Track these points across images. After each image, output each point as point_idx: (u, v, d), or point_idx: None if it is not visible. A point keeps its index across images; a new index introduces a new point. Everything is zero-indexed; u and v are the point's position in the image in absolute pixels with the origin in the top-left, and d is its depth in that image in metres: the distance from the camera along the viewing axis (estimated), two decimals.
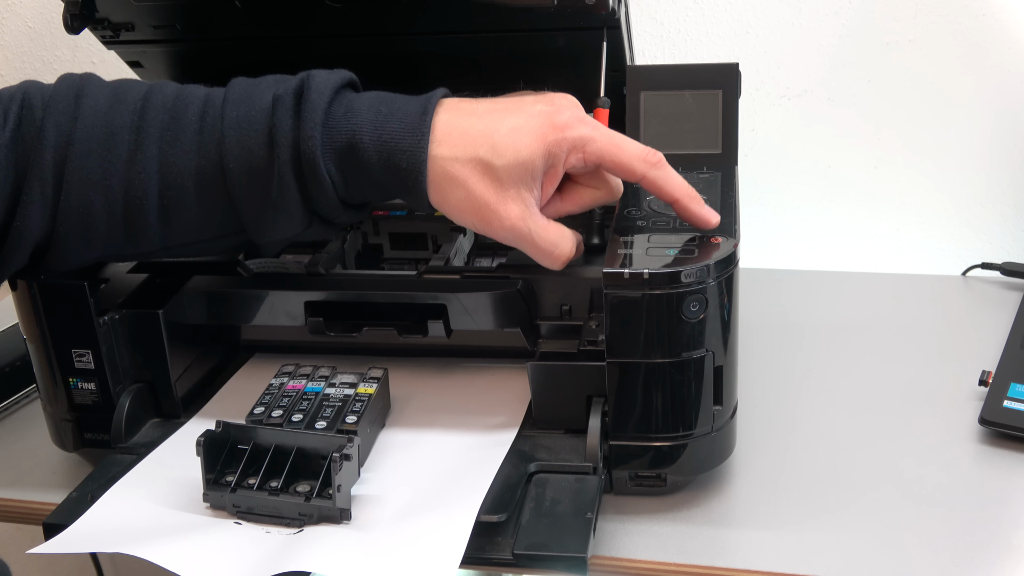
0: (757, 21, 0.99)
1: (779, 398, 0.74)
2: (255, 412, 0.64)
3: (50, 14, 1.14)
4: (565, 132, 0.56)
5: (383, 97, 0.58)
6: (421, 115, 0.56)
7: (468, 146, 0.56)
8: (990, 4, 0.93)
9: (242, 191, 0.57)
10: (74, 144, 0.57)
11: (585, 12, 0.66)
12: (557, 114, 0.56)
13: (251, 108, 0.57)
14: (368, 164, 0.56)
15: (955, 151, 0.99)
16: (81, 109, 0.58)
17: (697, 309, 0.56)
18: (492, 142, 0.55)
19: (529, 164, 0.55)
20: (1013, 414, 0.67)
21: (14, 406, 0.79)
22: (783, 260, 1.05)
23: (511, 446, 0.63)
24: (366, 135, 0.56)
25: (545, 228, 0.58)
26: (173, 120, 0.58)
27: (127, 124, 0.58)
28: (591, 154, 0.57)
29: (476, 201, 0.56)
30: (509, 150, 0.55)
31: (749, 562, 0.57)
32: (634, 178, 0.58)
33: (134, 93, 0.59)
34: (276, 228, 0.58)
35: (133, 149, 0.57)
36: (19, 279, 0.63)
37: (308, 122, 0.56)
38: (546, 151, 0.56)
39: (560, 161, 0.56)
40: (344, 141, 0.56)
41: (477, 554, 0.55)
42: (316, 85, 0.57)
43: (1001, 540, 0.58)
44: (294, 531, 0.56)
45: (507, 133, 0.56)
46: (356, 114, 0.56)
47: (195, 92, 0.59)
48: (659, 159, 0.58)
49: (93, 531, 0.56)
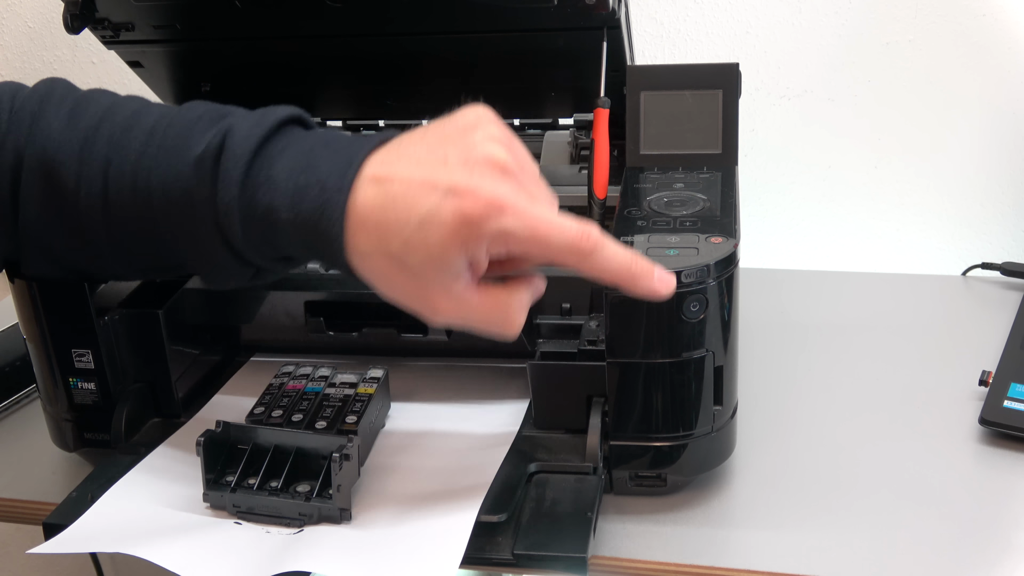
0: (757, 21, 0.99)
1: (779, 398, 0.74)
2: (255, 412, 0.64)
3: (50, 14, 1.14)
4: (482, 227, 0.48)
5: (309, 155, 0.51)
6: (337, 192, 0.50)
7: (381, 238, 0.49)
8: (990, 4, 0.93)
9: (177, 243, 0.54)
10: (25, 169, 0.55)
11: (585, 12, 0.66)
12: (473, 194, 0.48)
13: (177, 162, 0.53)
14: (287, 240, 0.52)
15: (955, 151, 0.99)
16: (34, 131, 0.55)
17: (697, 309, 0.56)
18: (403, 237, 0.48)
19: (443, 261, 0.49)
20: (1013, 414, 0.67)
21: (14, 406, 0.79)
22: (783, 260, 1.05)
23: (511, 446, 0.63)
24: (283, 211, 0.50)
25: (480, 307, 0.51)
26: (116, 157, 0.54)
27: (74, 154, 0.55)
28: (514, 248, 0.49)
29: (402, 294, 0.51)
30: (420, 248, 0.48)
31: (749, 562, 0.57)
32: (567, 268, 0.51)
33: (89, 117, 0.55)
34: (218, 279, 0.56)
35: (78, 180, 0.55)
36: (19, 279, 0.63)
37: (223, 193, 0.51)
38: (460, 248, 0.48)
39: (479, 257, 0.49)
40: (260, 214, 0.51)
41: (477, 554, 0.55)
42: (235, 145, 0.51)
43: (1001, 540, 0.58)
44: (294, 531, 0.56)
45: (417, 228, 0.48)
46: (273, 185, 0.51)
47: (142, 123, 0.55)
48: (592, 245, 0.49)
49: (93, 531, 0.56)
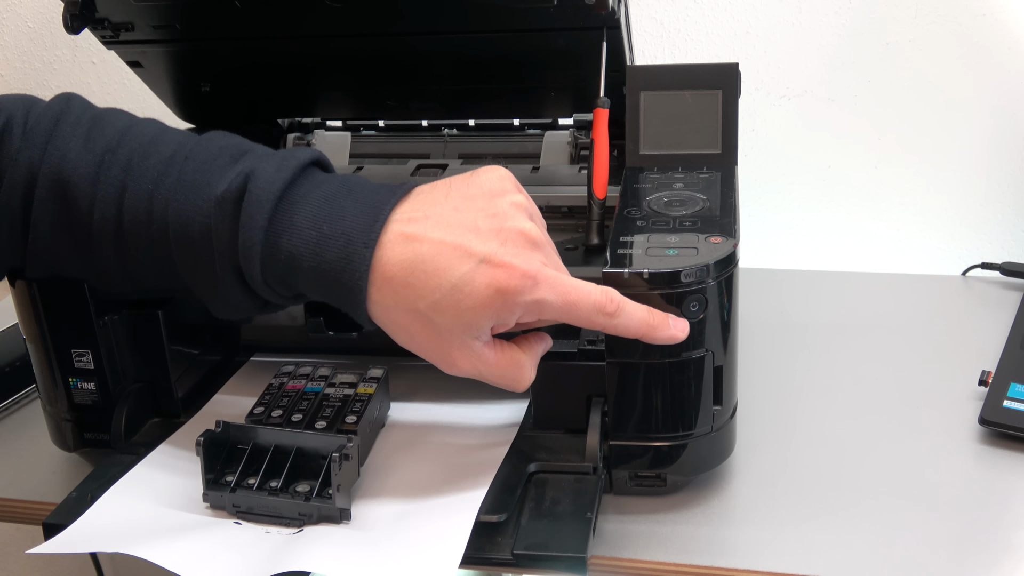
0: (757, 21, 0.99)
1: (779, 398, 0.74)
2: (255, 412, 0.64)
3: (50, 14, 1.14)
4: (517, 298, 0.51)
5: (332, 203, 0.52)
6: (363, 245, 0.51)
7: (408, 297, 0.51)
8: (990, 4, 0.93)
9: (189, 274, 0.55)
10: (39, 188, 0.55)
11: (585, 12, 0.66)
12: (507, 266, 0.51)
13: (198, 198, 0.53)
14: (308, 286, 0.53)
15: (955, 151, 0.99)
16: (49, 151, 0.55)
17: (697, 309, 0.56)
18: (434, 299, 0.51)
19: (472, 324, 0.52)
20: (1013, 414, 0.67)
21: (14, 406, 0.79)
22: (783, 260, 1.05)
23: (511, 446, 0.63)
24: (305, 260, 0.52)
25: (497, 364, 0.54)
26: (133, 186, 0.55)
27: (89, 177, 0.55)
28: (546, 317, 0.54)
29: (421, 346, 0.53)
30: (450, 311, 0.51)
31: (749, 562, 0.57)
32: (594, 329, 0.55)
33: (106, 139, 0.56)
34: (229, 310, 0.56)
35: (92, 203, 0.55)
36: (18, 279, 0.63)
37: (245, 236, 0.52)
38: (493, 315, 0.51)
39: (510, 323, 0.53)
40: (283, 261, 0.52)
41: (477, 554, 0.55)
42: (258, 189, 0.52)
43: (1001, 540, 0.58)
44: (294, 531, 0.56)
45: (450, 291, 0.51)
46: (296, 233, 0.52)
47: (161, 150, 0.55)
48: (616, 307, 0.53)
49: (93, 531, 0.56)
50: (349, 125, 0.86)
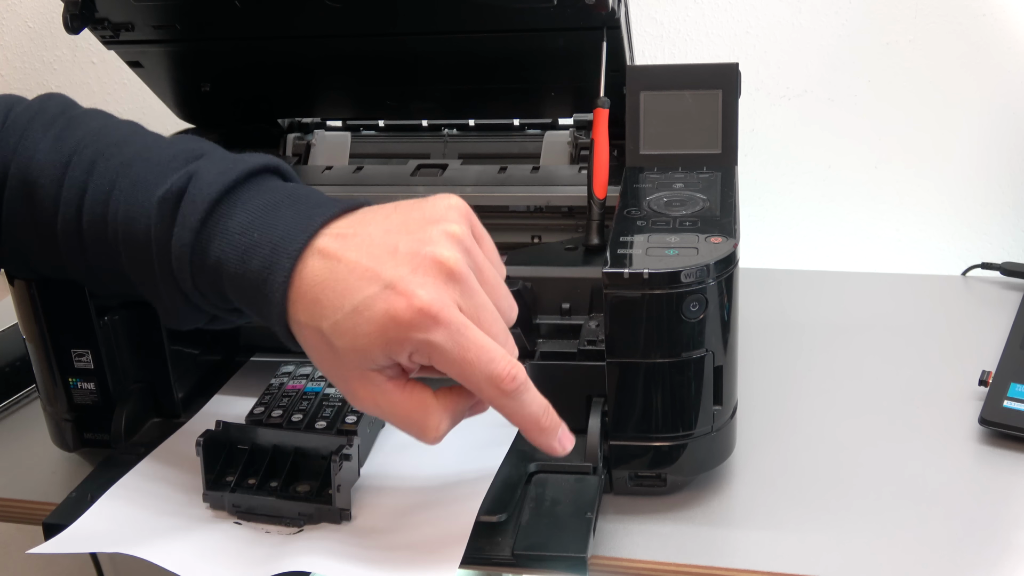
0: (757, 21, 0.99)
1: (779, 398, 0.74)
2: (255, 412, 0.64)
3: (50, 14, 1.14)
4: (409, 333, 0.47)
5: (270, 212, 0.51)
6: (286, 256, 0.49)
7: (315, 315, 0.49)
8: (990, 4, 0.93)
9: (137, 278, 0.54)
10: (7, 187, 0.55)
11: (585, 12, 0.66)
12: (406, 300, 0.47)
13: (143, 200, 0.52)
14: (235, 295, 0.52)
15: (955, 151, 0.99)
16: (19, 150, 0.55)
17: (697, 309, 0.56)
18: (335, 319, 0.48)
19: (365, 353, 0.48)
20: (1013, 414, 0.67)
21: (14, 406, 0.79)
22: (783, 260, 1.05)
23: (511, 446, 0.63)
24: (231, 266, 0.50)
25: (399, 404, 0.50)
26: (93, 187, 0.54)
27: (54, 178, 0.54)
28: (437, 363, 0.49)
29: (328, 371, 0.51)
30: (347, 335, 0.48)
31: (749, 562, 0.57)
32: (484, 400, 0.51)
33: (74, 141, 0.55)
34: (177, 320, 0.55)
35: (56, 204, 0.54)
36: (19, 279, 0.63)
37: (178, 238, 0.51)
38: (384, 347, 0.48)
39: (401, 359, 0.49)
40: (211, 266, 0.51)
41: (477, 554, 0.55)
42: (197, 189, 0.51)
43: (1001, 540, 0.58)
44: (294, 531, 0.56)
45: (350, 313, 0.48)
46: (226, 238, 0.50)
47: (118, 155, 0.54)
48: (514, 388, 0.49)
49: (93, 531, 0.56)
50: (349, 125, 0.86)
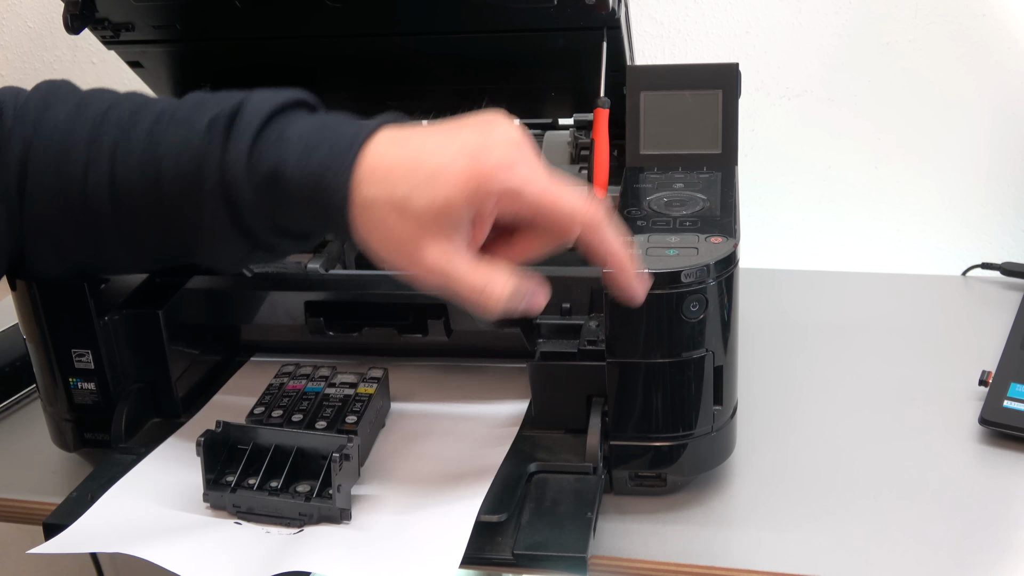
0: (757, 21, 0.99)
1: (779, 398, 0.74)
2: (255, 412, 0.64)
3: (50, 14, 1.14)
4: (492, 179, 0.50)
5: (322, 123, 0.54)
6: (348, 148, 0.52)
7: (388, 186, 0.51)
8: (990, 4, 0.93)
9: (180, 212, 0.55)
10: (32, 158, 0.56)
11: (585, 12, 0.66)
12: (487, 154, 0.50)
13: (189, 130, 0.54)
14: (292, 197, 0.53)
15: (955, 151, 0.99)
16: (43, 121, 0.56)
17: (697, 309, 0.56)
18: (413, 183, 0.50)
19: (448, 210, 0.50)
20: (1013, 414, 0.67)
21: (14, 406, 0.79)
22: (783, 260, 1.05)
23: (511, 446, 0.63)
24: (291, 166, 0.52)
25: (470, 271, 0.51)
26: (124, 139, 0.56)
27: (83, 139, 0.56)
28: (522, 205, 0.51)
29: (396, 242, 0.52)
30: (427, 194, 0.50)
31: (749, 562, 0.57)
32: (568, 236, 0.52)
33: (96, 107, 0.57)
34: (218, 254, 0.56)
35: (86, 165, 0.56)
36: (19, 279, 0.63)
37: (234, 149, 0.53)
38: (468, 198, 0.50)
39: (486, 210, 0.51)
40: (268, 170, 0.52)
41: (477, 554, 0.55)
42: (250, 108, 0.53)
43: (1001, 540, 0.58)
44: (294, 531, 0.56)
45: (429, 175, 0.50)
46: (285, 142, 0.53)
47: (152, 108, 0.57)
48: (599, 221, 0.51)
49: (93, 531, 0.56)
50: None
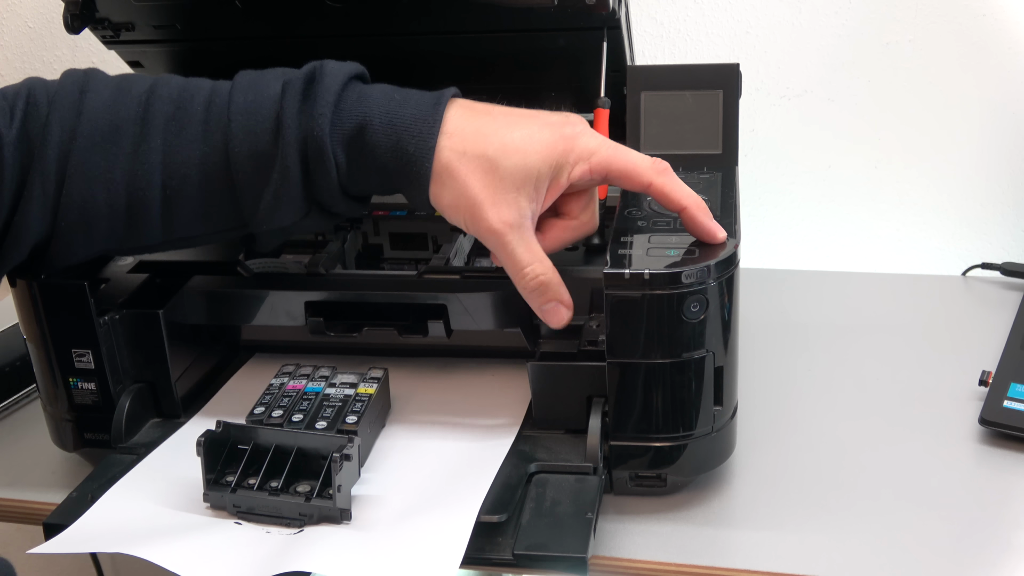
0: (757, 21, 0.99)
1: (779, 399, 0.74)
2: (255, 412, 0.64)
3: (50, 14, 1.14)
4: (574, 143, 0.56)
5: (395, 88, 0.59)
6: (434, 106, 0.57)
7: (478, 143, 0.56)
8: (990, 4, 0.93)
9: (244, 175, 0.58)
10: (78, 139, 0.57)
11: (585, 12, 0.66)
12: (567, 126, 0.57)
13: (259, 95, 0.58)
14: (376, 147, 0.56)
15: (955, 151, 0.99)
16: (85, 104, 0.58)
17: (698, 310, 0.56)
18: (503, 142, 0.56)
19: (534, 171, 0.56)
20: (1013, 414, 0.67)
21: (14, 406, 0.79)
22: (783, 260, 1.05)
23: (511, 446, 0.63)
24: (377, 118, 0.56)
25: (529, 245, 0.57)
26: (178, 110, 0.58)
27: (131, 117, 0.58)
28: (597, 164, 0.57)
29: (471, 198, 0.56)
30: (518, 153, 0.56)
31: (749, 562, 0.57)
32: (641, 185, 0.58)
33: (139, 86, 0.59)
34: (275, 215, 0.58)
35: (137, 141, 0.58)
36: (20, 278, 0.63)
37: (320, 104, 0.56)
38: (554, 161, 0.56)
39: (566, 172, 0.57)
40: (355, 124, 0.57)
41: (477, 554, 0.55)
42: (330, 71, 0.58)
43: (1001, 540, 0.58)
44: (294, 531, 0.56)
45: (519, 138, 0.56)
46: (368, 99, 0.57)
47: (201, 83, 0.60)
48: (666, 167, 0.58)
49: (93, 531, 0.56)
50: None
